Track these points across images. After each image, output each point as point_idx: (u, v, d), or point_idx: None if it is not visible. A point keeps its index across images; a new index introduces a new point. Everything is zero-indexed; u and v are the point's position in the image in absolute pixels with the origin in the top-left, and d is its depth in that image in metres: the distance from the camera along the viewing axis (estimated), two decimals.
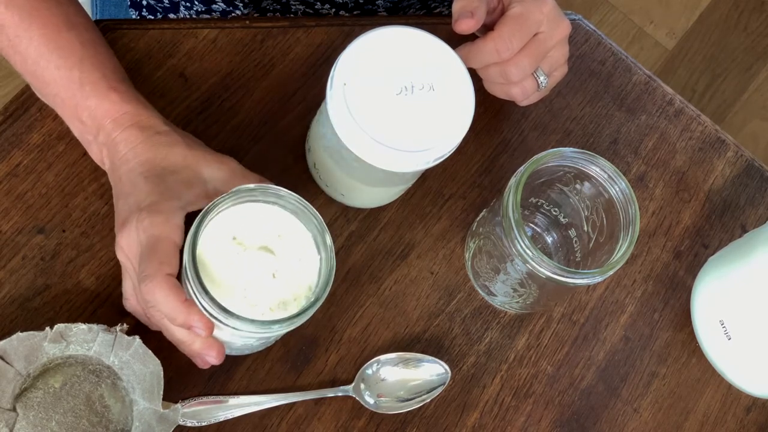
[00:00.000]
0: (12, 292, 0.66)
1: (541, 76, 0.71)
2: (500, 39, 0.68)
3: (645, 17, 1.90)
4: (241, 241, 0.60)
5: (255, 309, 0.59)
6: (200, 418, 0.65)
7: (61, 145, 0.70)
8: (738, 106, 1.88)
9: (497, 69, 0.70)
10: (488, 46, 0.68)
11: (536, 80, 0.72)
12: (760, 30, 1.94)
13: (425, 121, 0.62)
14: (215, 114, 0.73)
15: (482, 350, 0.73)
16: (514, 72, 0.70)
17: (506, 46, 0.68)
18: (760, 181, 0.84)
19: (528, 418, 0.72)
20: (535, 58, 0.70)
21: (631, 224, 0.66)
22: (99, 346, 0.63)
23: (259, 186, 0.60)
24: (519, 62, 0.69)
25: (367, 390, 0.69)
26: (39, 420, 0.61)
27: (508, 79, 0.70)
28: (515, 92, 0.72)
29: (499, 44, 0.68)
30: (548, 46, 0.70)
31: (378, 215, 0.74)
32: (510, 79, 0.70)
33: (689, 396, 0.76)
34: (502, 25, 0.68)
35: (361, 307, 0.72)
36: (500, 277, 0.70)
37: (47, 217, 0.68)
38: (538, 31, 0.69)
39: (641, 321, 0.77)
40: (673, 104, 0.84)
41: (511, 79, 0.70)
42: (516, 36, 0.68)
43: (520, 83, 0.71)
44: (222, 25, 0.76)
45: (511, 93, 0.72)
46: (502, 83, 0.72)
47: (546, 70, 0.72)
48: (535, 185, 0.69)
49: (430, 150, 0.62)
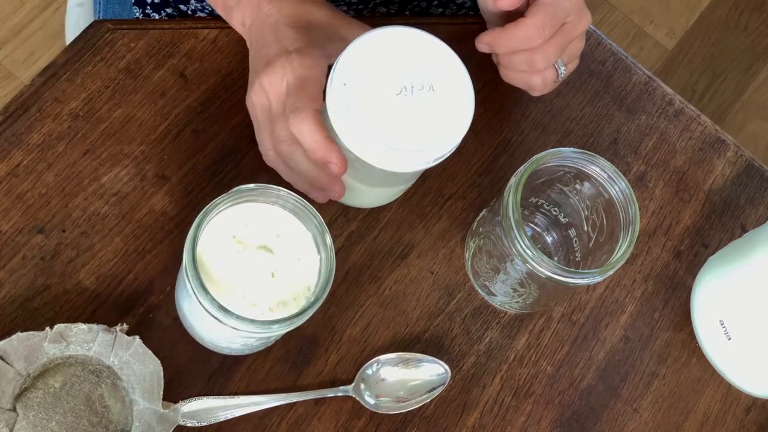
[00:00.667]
0: (12, 292, 0.66)
1: (561, 66, 0.71)
2: (533, 26, 0.67)
3: (645, 17, 1.90)
4: (240, 240, 0.60)
5: (254, 309, 0.60)
6: (200, 418, 0.65)
7: (61, 145, 0.70)
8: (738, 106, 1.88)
9: (523, 56, 0.69)
10: (520, 33, 0.67)
11: (557, 70, 0.71)
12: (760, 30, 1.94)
13: (425, 121, 0.62)
14: (215, 114, 0.73)
15: (482, 350, 0.73)
16: (540, 60, 0.69)
17: (539, 33, 0.67)
18: (760, 181, 0.84)
19: (528, 418, 0.72)
20: (561, 47, 0.69)
21: (631, 224, 0.66)
22: (99, 346, 0.63)
23: (259, 186, 0.60)
24: (546, 51, 0.68)
25: (367, 390, 0.69)
26: (39, 420, 0.61)
27: (533, 67, 0.69)
28: (535, 81, 0.71)
29: (531, 31, 0.67)
30: (572, 36, 0.70)
31: (378, 215, 0.74)
32: (535, 67, 0.69)
33: (689, 396, 0.76)
34: (535, 12, 0.67)
35: (361, 307, 0.72)
36: (500, 277, 0.70)
37: (47, 217, 0.68)
38: (565, 21, 0.69)
39: (641, 321, 0.77)
40: (673, 104, 0.84)
41: (536, 67, 0.69)
42: (548, 24, 0.67)
43: (542, 72, 0.70)
44: (222, 25, 0.76)
45: (531, 82, 0.71)
46: (525, 71, 0.71)
47: (565, 61, 0.71)
48: (535, 185, 0.69)
49: (430, 150, 0.62)
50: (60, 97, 0.71)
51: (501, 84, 0.75)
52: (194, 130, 0.73)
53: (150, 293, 0.68)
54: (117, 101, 0.72)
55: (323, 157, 0.62)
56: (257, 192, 0.60)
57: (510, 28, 0.68)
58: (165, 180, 0.71)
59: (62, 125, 0.70)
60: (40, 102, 0.70)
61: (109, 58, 0.73)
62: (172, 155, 0.72)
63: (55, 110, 0.71)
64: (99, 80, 0.72)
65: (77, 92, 0.72)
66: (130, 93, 0.73)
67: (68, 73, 0.72)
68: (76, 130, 0.71)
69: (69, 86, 0.72)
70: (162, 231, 0.70)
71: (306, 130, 0.62)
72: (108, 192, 0.70)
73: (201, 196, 0.71)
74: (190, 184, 0.71)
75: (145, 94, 0.73)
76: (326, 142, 0.62)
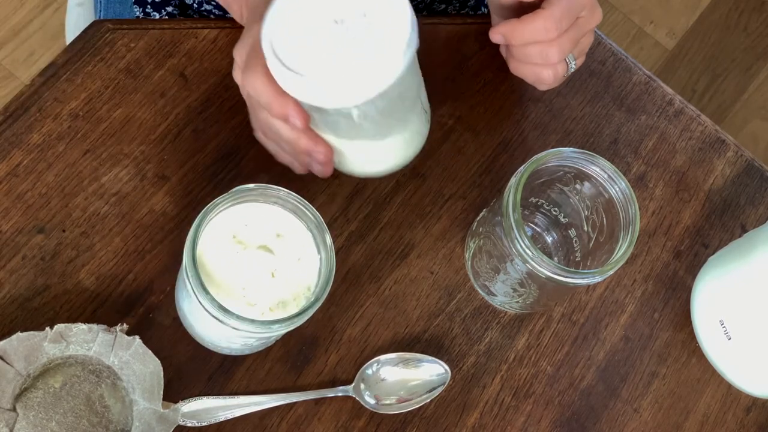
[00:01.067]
0: (12, 292, 0.66)
1: (572, 61, 0.71)
2: (551, 18, 0.67)
3: (645, 17, 1.90)
4: (240, 240, 0.60)
5: (254, 308, 0.60)
6: (200, 418, 0.65)
7: (61, 145, 0.70)
8: (738, 106, 1.88)
9: (538, 48, 0.69)
10: (538, 25, 0.67)
11: (567, 64, 0.71)
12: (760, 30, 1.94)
13: (359, 51, 0.58)
14: (215, 114, 0.73)
15: (482, 350, 0.73)
16: (555, 53, 0.69)
17: (557, 26, 0.67)
18: (760, 181, 0.84)
19: (528, 418, 0.72)
20: (574, 41, 0.69)
21: (631, 224, 0.66)
22: (99, 346, 0.63)
23: (259, 186, 0.60)
24: (561, 43, 0.68)
25: (367, 390, 0.69)
26: (39, 420, 0.61)
27: (547, 59, 0.69)
28: (547, 74, 0.71)
29: (549, 23, 0.67)
30: (585, 31, 0.70)
31: (378, 215, 0.74)
32: (549, 60, 0.69)
33: (689, 396, 0.76)
34: (553, 4, 0.67)
35: (361, 307, 0.72)
36: (500, 277, 0.70)
37: (47, 217, 0.68)
38: (580, 15, 0.69)
39: (641, 321, 0.77)
40: (673, 104, 0.84)
41: (550, 60, 0.69)
42: (565, 17, 0.67)
43: (555, 65, 0.70)
44: (222, 25, 0.76)
45: (543, 75, 0.71)
46: (538, 63, 0.70)
47: (575, 55, 0.71)
48: (535, 185, 0.69)
49: (368, 78, 0.57)
50: (60, 97, 0.71)
51: (501, 84, 0.75)
52: (194, 130, 0.73)
53: (150, 293, 0.68)
54: (117, 101, 0.72)
55: (280, 111, 0.60)
56: (257, 192, 0.60)
57: (528, 19, 0.68)
58: (165, 180, 0.71)
59: (62, 125, 0.70)
60: (40, 102, 0.70)
61: (109, 58, 0.73)
62: (172, 155, 0.72)
63: (55, 110, 0.71)
64: (99, 80, 0.72)
65: (77, 92, 0.72)
66: (130, 93, 0.73)
67: (68, 73, 0.72)
68: (76, 130, 0.71)
69: (69, 86, 0.72)
70: (162, 231, 0.70)
71: (258, 86, 0.60)
72: (108, 192, 0.70)
73: (201, 196, 0.71)
74: (190, 184, 0.71)
75: (145, 94, 0.73)
76: (278, 94, 0.60)
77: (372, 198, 0.75)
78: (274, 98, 0.60)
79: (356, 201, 0.74)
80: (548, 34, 0.67)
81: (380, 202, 0.75)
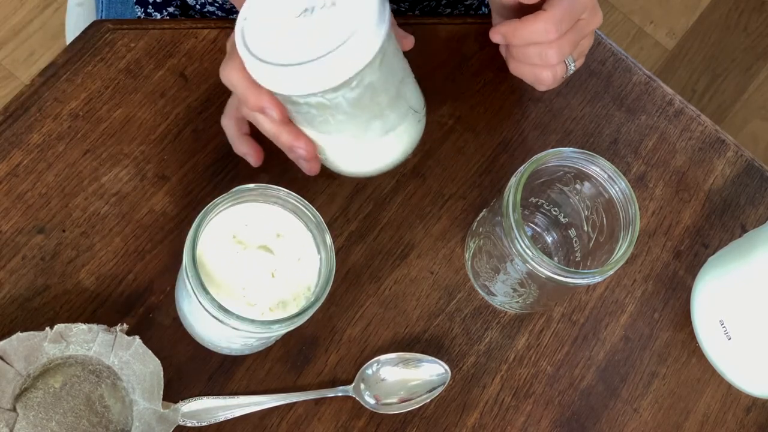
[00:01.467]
0: (12, 292, 0.66)
1: (572, 62, 0.71)
2: (552, 20, 0.67)
3: (645, 17, 1.90)
4: (240, 240, 0.60)
5: (254, 309, 0.59)
6: (200, 418, 0.65)
7: (61, 145, 0.70)
8: (738, 106, 1.88)
9: (537, 49, 0.69)
10: (538, 26, 0.67)
11: (567, 66, 0.71)
12: (760, 30, 1.94)
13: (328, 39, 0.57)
14: (215, 114, 0.73)
15: (482, 350, 0.73)
16: (554, 55, 0.69)
17: (557, 27, 0.67)
18: (760, 181, 0.84)
19: (528, 418, 0.72)
20: (574, 43, 0.69)
21: (631, 224, 0.66)
22: (99, 346, 0.63)
23: (259, 186, 0.60)
24: (561, 45, 0.68)
25: (367, 390, 0.69)
26: (39, 420, 0.61)
27: (546, 61, 0.69)
28: (546, 75, 0.71)
29: (549, 25, 0.67)
30: (585, 33, 0.70)
31: (378, 215, 0.74)
32: (548, 61, 0.69)
33: (689, 396, 0.76)
34: (554, 5, 0.67)
35: (361, 307, 0.72)
36: (500, 277, 0.70)
37: (47, 217, 0.68)
38: (580, 17, 0.69)
39: (641, 321, 0.77)
40: (673, 104, 0.84)
41: (549, 62, 0.69)
42: (566, 19, 0.67)
43: (554, 67, 0.70)
44: (222, 25, 0.76)
45: (541, 76, 0.71)
46: (537, 65, 0.70)
47: (575, 57, 0.71)
48: (535, 185, 0.69)
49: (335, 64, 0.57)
50: (60, 97, 0.71)
51: (501, 84, 0.75)
52: (194, 130, 0.73)
53: (150, 293, 0.68)
54: (117, 101, 0.72)
55: (255, 103, 0.60)
56: (257, 192, 0.60)
57: (528, 20, 0.68)
58: (165, 180, 0.71)
59: (62, 125, 0.70)
60: (40, 102, 0.70)
61: (109, 58, 0.73)
62: (172, 155, 0.72)
63: (55, 110, 0.71)
64: (99, 80, 0.72)
65: (77, 92, 0.72)
66: (130, 93, 0.73)
67: (68, 73, 0.72)
68: (76, 130, 0.71)
69: (69, 86, 0.72)
70: (162, 231, 0.70)
71: (234, 78, 0.61)
72: (108, 192, 0.70)
73: (201, 196, 0.71)
74: (190, 184, 0.71)
75: (145, 94, 0.73)
76: (253, 86, 0.60)
77: (372, 198, 0.75)
78: (249, 90, 0.60)
79: (356, 201, 0.74)
80: (548, 35, 0.67)
81: (380, 202, 0.75)
